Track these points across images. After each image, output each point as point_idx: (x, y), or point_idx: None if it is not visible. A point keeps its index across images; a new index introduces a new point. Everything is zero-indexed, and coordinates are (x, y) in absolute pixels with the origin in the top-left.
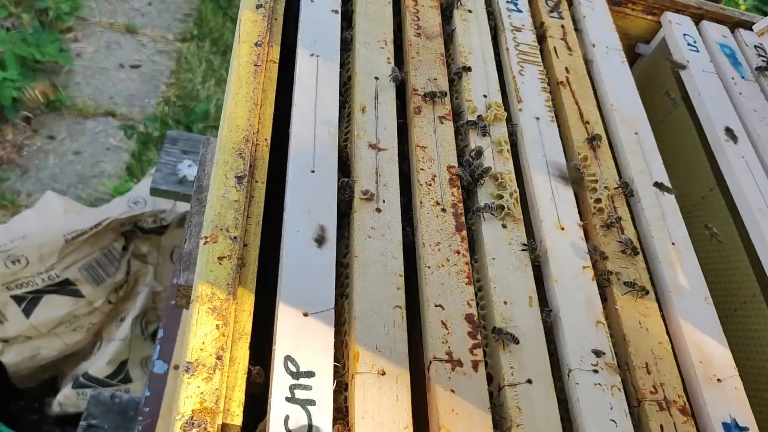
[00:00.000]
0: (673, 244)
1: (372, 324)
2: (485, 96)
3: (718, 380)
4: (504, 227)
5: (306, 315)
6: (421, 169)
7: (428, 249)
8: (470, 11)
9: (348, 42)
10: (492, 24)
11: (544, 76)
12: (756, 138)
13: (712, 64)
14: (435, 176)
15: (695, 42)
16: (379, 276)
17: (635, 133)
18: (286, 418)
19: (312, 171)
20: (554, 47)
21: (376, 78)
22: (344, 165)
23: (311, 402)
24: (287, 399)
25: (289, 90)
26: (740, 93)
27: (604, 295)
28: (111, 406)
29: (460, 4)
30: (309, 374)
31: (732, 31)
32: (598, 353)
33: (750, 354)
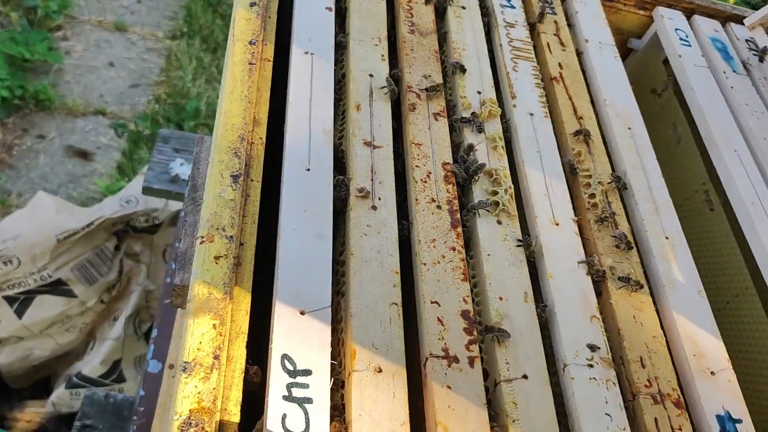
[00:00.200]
0: (667, 239)
1: (368, 321)
2: (479, 92)
3: (712, 373)
4: (499, 223)
5: (303, 313)
6: (416, 166)
7: (424, 246)
8: (464, 7)
9: (343, 42)
10: (485, 20)
11: (538, 72)
12: (748, 131)
13: (704, 59)
14: (430, 173)
15: (687, 36)
16: (376, 273)
17: (628, 128)
18: (284, 417)
19: (307, 169)
20: (547, 43)
21: (371, 75)
22: (339, 163)
23: (308, 400)
24: (284, 397)
25: (284, 88)
26: (732, 87)
27: (599, 290)
28: (105, 406)
29: (453, 1)
30: (306, 372)
31: (723, 25)
32: (593, 348)
33: (743, 346)
